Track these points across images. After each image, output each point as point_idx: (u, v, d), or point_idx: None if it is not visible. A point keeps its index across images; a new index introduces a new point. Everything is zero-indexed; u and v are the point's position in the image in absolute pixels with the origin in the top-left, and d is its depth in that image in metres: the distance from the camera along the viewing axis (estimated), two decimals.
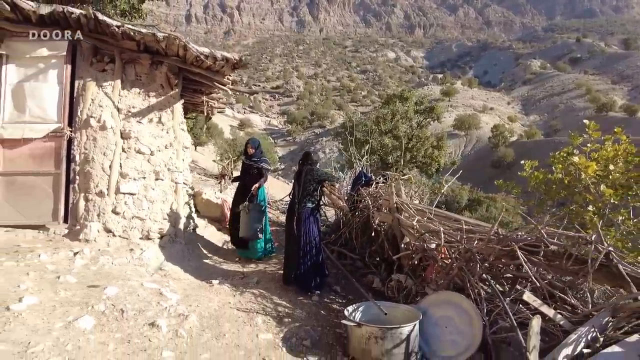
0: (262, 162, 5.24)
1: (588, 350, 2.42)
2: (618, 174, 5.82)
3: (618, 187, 5.82)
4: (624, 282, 2.71)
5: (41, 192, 4.23)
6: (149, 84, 4.60)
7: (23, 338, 2.25)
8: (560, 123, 64.10)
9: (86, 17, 4.12)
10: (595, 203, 5.90)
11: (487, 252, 3.16)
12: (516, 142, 50.18)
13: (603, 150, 5.71)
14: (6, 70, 4.27)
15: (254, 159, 5.22)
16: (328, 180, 4.61)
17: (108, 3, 10.46)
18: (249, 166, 5.25)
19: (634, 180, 5.88)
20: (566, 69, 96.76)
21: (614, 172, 5.82)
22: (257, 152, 5.31)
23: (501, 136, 49.99)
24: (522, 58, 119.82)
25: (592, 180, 5.88)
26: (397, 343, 2.81)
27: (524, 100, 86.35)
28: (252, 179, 5.17)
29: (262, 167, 5.19)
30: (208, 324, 2.99)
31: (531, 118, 75.10)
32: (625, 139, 5.90)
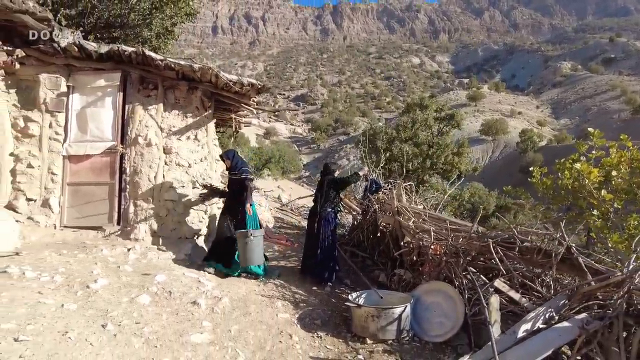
0: (243, 173, 4.86)
1: (544, 326, 2.94)
2: (620, 179, 6.21)
3: (621, 192, 6.20)
4: (582, 272, 3.22)
5: (99, 199, 5.08)
6: (187, 107, 5.41)
7: (102, 307, 3.00)
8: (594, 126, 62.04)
9: (136, 54, 4.97)
10: (599, 207, 6.30)
11: (470, 248, 3.72)
12: (546, 146, 49.09)
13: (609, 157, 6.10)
14: (72, 98, 5.17)
15: (233, 172, 4.89)
16: (345, 182, 5.28)
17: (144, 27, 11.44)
18: (231, 180, 4.95)
19: (636, 185, 6.25)
20: (599, 70, 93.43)
21: (617, 177, 6.21)
22: (235, 163, 4.94)
23: (530, 141, 48.95)
24: (552, 60, 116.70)
25: (595, 185, 6.29)
26: (390, 321, 3.41)
27: (554, 103, 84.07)
28: (235, 194, 4.86)
29: (244, 178, 4.81)
30: (237, 305, 3.68)
31: (562, 122, 73.02)
32: (631, 145, 6.28)
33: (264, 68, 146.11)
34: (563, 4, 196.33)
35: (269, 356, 2.97)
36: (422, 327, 3.65)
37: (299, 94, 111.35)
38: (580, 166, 6.22)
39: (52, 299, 2.95)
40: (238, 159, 5.01)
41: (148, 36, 11.64)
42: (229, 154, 5.00)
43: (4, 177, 4.87)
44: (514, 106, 77.09)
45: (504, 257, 3.53)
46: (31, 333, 2.42)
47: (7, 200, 4.87)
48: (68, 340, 2.45)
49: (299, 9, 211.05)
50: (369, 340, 3.41)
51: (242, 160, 5.09)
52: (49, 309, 2.78)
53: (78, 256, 4.04)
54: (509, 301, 3.40)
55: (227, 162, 4.97)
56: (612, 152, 6.28)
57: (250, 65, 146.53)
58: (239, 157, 5.06)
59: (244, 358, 2.82)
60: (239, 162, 4.96)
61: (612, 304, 2.85)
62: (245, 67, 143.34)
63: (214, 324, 3.20)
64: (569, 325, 2.82)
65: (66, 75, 5.18)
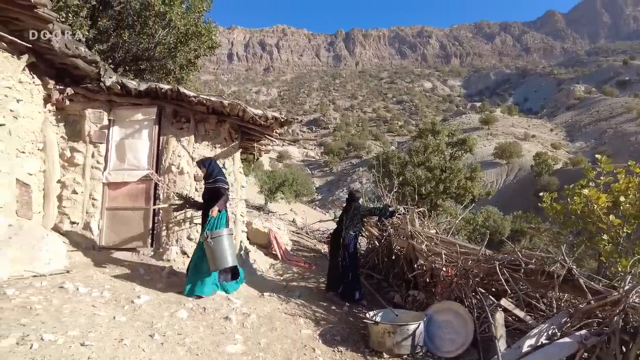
0: (218, 182, 4.69)
1: (547, 341, 3.20)
2: (629, 204, 6.44)
3: (629, 217, 6.42)
4: (583, 292, 3.48)
5: (135, 223, 5.54)
6: (215, 138, 5.91)
7: (147, 319, 3.38)
8: (610, 149, 61.40)
9: (171, 91, 5.52)
10: (608, 232, 6.53)
11: (478, 270, 4.01)
12: (561, 170, 48.68)
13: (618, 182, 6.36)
14: (112, 131, 5.73)
15: (208, 181, 4.75)
16: (371, 214, 5.72)
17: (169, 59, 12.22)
18: (205, 189, 4.83)
19: None
20: (614, 93, 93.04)
21: (624, 203, 6.45)
22: (210, 171, 4.77)
23: (544, 164, 48.67)
24: (565, 83, 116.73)
25: (604, 211, 6.54)
26: (405, 337, 3.70)
27: (568, 126, 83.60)
28: (208, 204, 4.65)
29: (218, 187, 4.65)
30: (264, 321, 4.02)
31: (577, 145, 72.41)
32: (638, 171, 6.55)
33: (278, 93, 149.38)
34: (575, 27, 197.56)
35: None
36: (435, 343, 3.92)
37: (312, 118, 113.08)
38: (588, 192, 6.49)
39: (104, 311, 3.34)
40: (214, 167, 4.84)
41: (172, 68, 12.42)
42: (205, 163, 4.87)
43: (51, 202, 5.38)
44: (528, 129, 76.91)
45: (510, 278, 3.81)
46: (93, 339, 2.80)
47: (53, 223, 5.36)
48: (124, 346, 2.82)
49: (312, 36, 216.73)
50: (386, 355, 3.70)
51: (220, 169, 4.92)
52: (103, 320, 3.17)
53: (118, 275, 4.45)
54: (515, 319, 3.67)
55: (202, 169, 4.87)
56: (620, 178, 6.54)
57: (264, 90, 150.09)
58: (216, 165, 4.89)
59: None
60: (215, 170, 4.80)
61: (610, 321, 3.11)
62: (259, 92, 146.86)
63: (245, 337, 3.54)
64: (569, 341, 3.08)
65: (108, 110, 5.76)
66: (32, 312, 3.09)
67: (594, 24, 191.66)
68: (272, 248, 7.35)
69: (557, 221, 7.79)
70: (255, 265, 6.39)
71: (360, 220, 5.63)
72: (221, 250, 4.28)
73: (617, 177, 6.64)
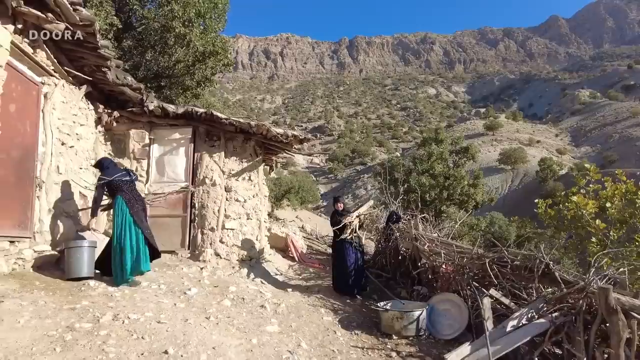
0: (99, 180, 4.73)
1: (527, 322, 3.94)
2: (614, 210, 7.17)
3: (615, 221, 7.15)
4: (557, 283, 4.21)
5: (173, 228, 6.35)
6: (242, 154, 6.72)
7: (200, 306, 4.17)
8: (616, 154, 61.47)
9: (205, 114, 6.36)
10: (596, 235, 7.26)
11: (472, 266, 4.76)
12: (566, 175, 48.92)
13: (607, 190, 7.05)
14: (153, 148, 6.57)
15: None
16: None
17: (187, 76, 13.09)
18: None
19: (628, 215, 7.21)
20: (619, 97, 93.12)
21: (611, 208, 7.18)
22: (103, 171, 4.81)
23: (549, 170, 48.88)
24: (569, 88, 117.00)
25: (592, 216, 7.27)
26: (411, 321, 4.45)
27: (574, 131, 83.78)
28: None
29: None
30: (292, 310, 4.79)
31: (582, 150, 72.58)
32: (625, 179, 7.28)
33: (282, 101, 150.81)
34: (579, 32, 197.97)
35: (321, 343, 4.04)
36: (436, 328, 4.67)
37: (316, 125, 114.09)
38: (577, 199, 7.22)
39: (166, 300, 4.14)
40: (106, 164, 4.91)
41: (190, 84, 13.32)
42: (99, 163, 5.00)
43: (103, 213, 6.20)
44: (532, 135, 77.04)
45: (498, 273, 4.56)
46: (165, 319, 3.58)
47: (104, 229, 6.19)
48: (189, 324, 3.60)
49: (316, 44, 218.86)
50: (395, 337, 4.44)
51: (104, 167, 4.86)
52: (167, 306, 3.96)
53: (167, 272, 5.26)
54: (502, 307, 4.40)
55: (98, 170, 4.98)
56: (607, 186, 7.26)
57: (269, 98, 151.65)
58: (106, 163, 4.93)
59: (305, 343, 3.90)
60: (105, 168, 4.84)
61: (576, 304, 3.84)
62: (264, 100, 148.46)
63: (279, 320, 4.31)
64: (542, 321, 3.82)
65: (149, 130, 6.61)
66: (113, 299, 3.88)
67: (598, 29, 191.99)
68: (290, 251, 8.13)
69: (551, 226, 8.49)
70: (276, 266, 7.16)
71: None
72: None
73: (605, 185, 7.35)
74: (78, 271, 4.36)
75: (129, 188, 4.78)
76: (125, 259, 4.43)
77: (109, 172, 4.76)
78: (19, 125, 4.41)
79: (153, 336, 3.19)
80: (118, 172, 4.80)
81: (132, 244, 4.52)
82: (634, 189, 7.04)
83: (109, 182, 4.70)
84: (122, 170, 4.88)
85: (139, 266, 4.51)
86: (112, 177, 4.70)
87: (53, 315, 3.30)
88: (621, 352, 3.40)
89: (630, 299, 3.58)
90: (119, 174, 4.76)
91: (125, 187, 4.74)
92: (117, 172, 4.78)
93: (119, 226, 4.56)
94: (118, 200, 4.65)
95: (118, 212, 4.61)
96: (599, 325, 3.64)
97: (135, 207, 4.68)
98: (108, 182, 4.70)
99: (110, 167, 4.86)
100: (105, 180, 4.70)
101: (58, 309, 3.44)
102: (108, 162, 4.99)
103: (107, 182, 4.70)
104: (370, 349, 4.13)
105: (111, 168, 4.85)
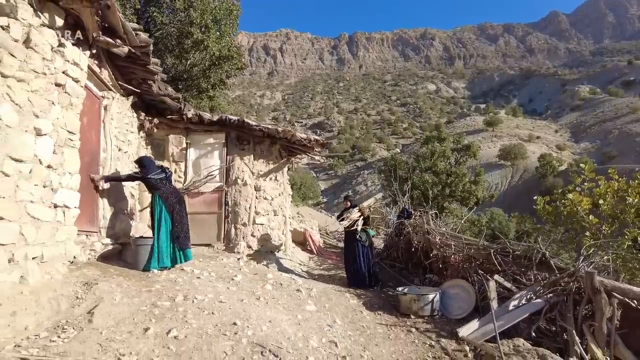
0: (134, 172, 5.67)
1: (525, 302, 4.67)
2: (606, 206, 7.89)
3: (607, 217, 7.87)
4: (552, 269, 4.94)
5: (210, 224, 7.07)
6: (269, 156, 7.43)
7: (248, 289, 4.90)
8: (615, 149, 61.96)
9: (238, 121, 7.06)
10: (590, 229, 7.99)
11: (478, 256, 5.50)
12: (566, 171, 49.43)
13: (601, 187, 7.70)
14: (189, 152, 7.27)
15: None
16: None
17: (203, 80, 13.75)
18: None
19: (619, 211, 7.93)
20: (619, 93, 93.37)
21: (603, 205, 7.91)
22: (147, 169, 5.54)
23: (549, 165, 49.27)
24: (569, 84, 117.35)
25: (586, 212, 7.98)
26: (426, 303, 5.18)
27: (573, 127, 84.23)
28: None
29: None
30: (322, 294, 5.52)
31: (582, 145, 73.03)
32: (617, 177, 7.99)
33: (282, 97, 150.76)
34: (579, 28, 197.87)
35: (352, 320, 4.77)
36: (448, 310, 5.40)
37: (316, 121, 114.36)
38: (572, 196, 7.93)
39: (219, 284, 4.86)
40: (147, 162, 5.60)
41: (206, 86, 14.00)
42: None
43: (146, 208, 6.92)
44: (532, 131, 77.40)
45: (501, 262, 5.29)
46: (224, 299, 4.30)
47: (147, 225, 6.90)
48: (244, 303, 4.33)
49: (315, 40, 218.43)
50: (412, 317, 5.17)
51: (151, 166, 5.58)
52: (222, 289, 4.69)
53: (210, 263, 5.99)
54: (505, 290, 5.14)
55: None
56: (600, 184, 7.97)
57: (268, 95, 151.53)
58: (149, 162, 5.64)
59: (339, 320, 4.64)
60: (146, 167, 5.50)
61: (567, 286, 4.57)
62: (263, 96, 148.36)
63: (314, 302, 5.05)
64: (539, 301, 4.56)
65: (185, 135, 7.31)
66: (178, 283, 4.61)
67: (598, 24, 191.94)
68: (308, 244, 8.86)
69: (549, 221, 9.22)
70: (299, 258, 7.90)
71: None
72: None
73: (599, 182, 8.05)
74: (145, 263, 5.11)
75: (164, 184, 5.55)
76: (161, 248, 5.13)
77: (147, 170, 5.49)
78: (88, 135, 5.12)
79: (220, 312, 3.92)
80: (154, 170, 5.56)
81: (165, 236, 5.24)
82: (625, 187, 7.73)
83: (144, 179, 5.47)
84: (158, 168, 5.67)
85: (173, 257, 5.25)
86: (148, 174, 5.45)
87: (137, 295, 4.03)
88: (604, 325, 4.15)
89: (612, 281, 4.32)
90: (154, 172, 5.53)
91: (161, 184, 5.51)
92: (153, 171, 5.54)
93: (156, 220, 5.31)
94: (155, 196, 5.42)
95: (155, 207, 5.37)
96: (586, 304, 4.37)
97: (169, 199, 5.43)
98: (143, 178, 5.46)
99: (148, 165, 5.59)
100: (140, 176, 5.45)
101: (138, 290, 4.17)
102: (147, 160, 5.70)
103: (141, 177, 5.46)
104: (393, 325, 4.86)
105: (149, 166, 5.57)
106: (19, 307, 3.16)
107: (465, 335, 4.43)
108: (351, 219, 6.62)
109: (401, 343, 4.33)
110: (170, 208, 5.33)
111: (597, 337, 4.16)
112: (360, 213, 6.81)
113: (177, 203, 5.51)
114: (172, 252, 5.28)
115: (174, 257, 5.28)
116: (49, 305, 3.42)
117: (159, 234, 5.20)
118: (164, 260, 5.14)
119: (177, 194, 5.64)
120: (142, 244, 5.12)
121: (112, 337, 3.13)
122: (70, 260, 4.38)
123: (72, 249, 4.32)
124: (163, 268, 5.14)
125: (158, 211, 5.30)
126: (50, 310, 3.39)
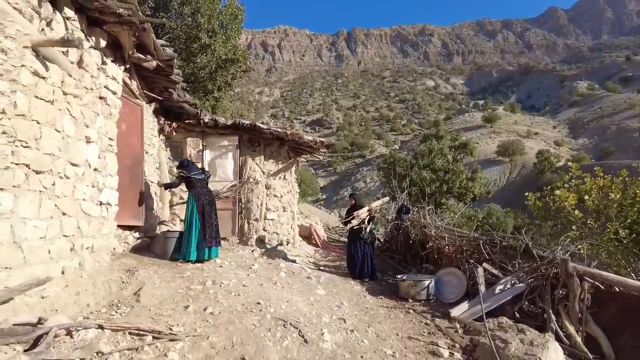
0: (178, 174, 6.29)
1: (510, 287, 5.31)
2: (591, 202, 8.52)
3: (592, 211, 8.50)
4: (534, 258, 5.58)
5: (225, 219, 7.69)
6: (278, 157, 8.05)
7: (265, 276, 5.54)
8: (613, 145, 62.52)
9: (250, 125, 7.67)
10: (576, 223, 8.62)
11: (469, 247, 6.14)
12: (563, 167, 49.89)
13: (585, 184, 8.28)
14: (205, 153, 7.89)
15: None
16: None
17: (209, 81, 14.30)
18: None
19: (603, 206, 8.56)
20: (617, 89, 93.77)
21: (588, 200, 8.54)
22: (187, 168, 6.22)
23: (547, 161, 49.51)
24: (568, 80, 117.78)
25: (572, 207, 8.61)
26: (422, 288, 5.83)
27: (571, 123, 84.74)
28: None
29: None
30: (329, 281, 6.17)
31: (580, 141, 73.54)
32: (602, 174, 8.60)
33: (281, 94, 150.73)
34: (577, 24, 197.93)
35: (357, 303, 5.41)
36: (442, 294, 6.05)
37: (315, 118, 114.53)
38: (559, 192, 8.57)
39: (239, 272, 5.50)
40: (187, 163, 6.27)
41: (212, 88, 14.57)
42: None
43: (165, 205, 7.55)
44: (530, 127, 77.70)
45: (490, 252, 5.93)
46: (246, 284, 4.94)
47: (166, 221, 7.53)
48: (264, 287, 4.97)
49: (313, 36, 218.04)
50: (410, 300, 5.81)
51: (191, 166, 6.29)
52: (242, 276, 5.33)
53: (228, 254, 6.64)
54: (492, 276, 5.78)
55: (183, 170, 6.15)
56: (586, 181, 8.60)
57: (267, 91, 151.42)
58: (189, 163, 6.33)
59: (346, 302, 5.28)
60: (188, 167, 6.19)
61: (545, 272, 5.21)
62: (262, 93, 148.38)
63: (323, 287, 5.69)
64: (521, 285, 5.20)
65: (201, 138, 7.92)
66: (204, 271, 5.25)
67: (596, 20, 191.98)
68: (314, 239, 9.50)
69: (540, 216, 9.86)
70: (306, 251, 8.54)
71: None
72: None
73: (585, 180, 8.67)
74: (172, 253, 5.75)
75: (201, 185, 6.14)
76: (190, 243, 5.72)
77: (189, 170, 6.13)
78: (129, 140, 5.73)
79: (245, 294, 4.56)
80: (195, 170, 6.19)
81: (192, 233, 5.80)
82: (609, 184, 8.36)
83: (187, 177, 6.07)
84: (198, 169, 6.27)
85: (200, 250, 5.79)
86: (189, 173, 6.08)
87: (172, 280, 4.67)
88: (576, 305, 4.79)
89: (584, 267, 4.96)
90: (195, 172, 6.15)
91: (198, 184, 6.10)
92: (194, 170, 6.17)
93: (188, 216, 5.92)
94: (190, 195, 6.03)
95: (188, 205, 5.99)
96: (562, 287, 5.01)
97: (200, 200, 6.03)
98: (187, 176, 6.07)
99: (189, 165, 6.23)
100: (184, 175, 6.06)
101: (172, 277, 4.81)
102: (187, 162, 6.36)
103: (185, 176, 6.08)
104: (393, 307, 5.51)
105: (190, 167, 6.22)
106: (81, 288, 3.79)
107: (457, 315, 5.08)
108: (361, 218, 6.98)
109: (400, 321, 4.97)
110: (201, 208, 5.93)
111: (571, 316, 4.80)
112: (368, 213, 7.18)
113: (208, 204, 6.08)
114: (198, 248, 5.80)
115: (200, 253, 5.80)
116: (103, 287, 4.06)
117: (189, 230, 5.79)
118: (191, 254, 5.71)
119: (210, 195, 6.23)
120: (170, 237, 5.75)
121: (160, 313, 3.76)
122: (110, 251, 5.02)
123: (112, 241, 4.96)
124: (188, 262, 5.74)
125: (190, 209, 5.93)
126: (105, 292, 4.03)
